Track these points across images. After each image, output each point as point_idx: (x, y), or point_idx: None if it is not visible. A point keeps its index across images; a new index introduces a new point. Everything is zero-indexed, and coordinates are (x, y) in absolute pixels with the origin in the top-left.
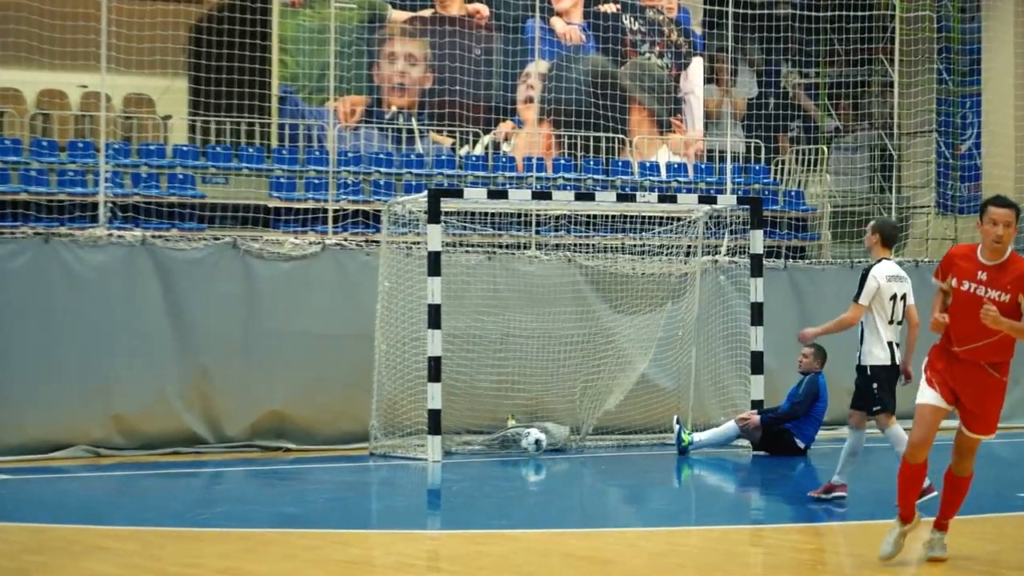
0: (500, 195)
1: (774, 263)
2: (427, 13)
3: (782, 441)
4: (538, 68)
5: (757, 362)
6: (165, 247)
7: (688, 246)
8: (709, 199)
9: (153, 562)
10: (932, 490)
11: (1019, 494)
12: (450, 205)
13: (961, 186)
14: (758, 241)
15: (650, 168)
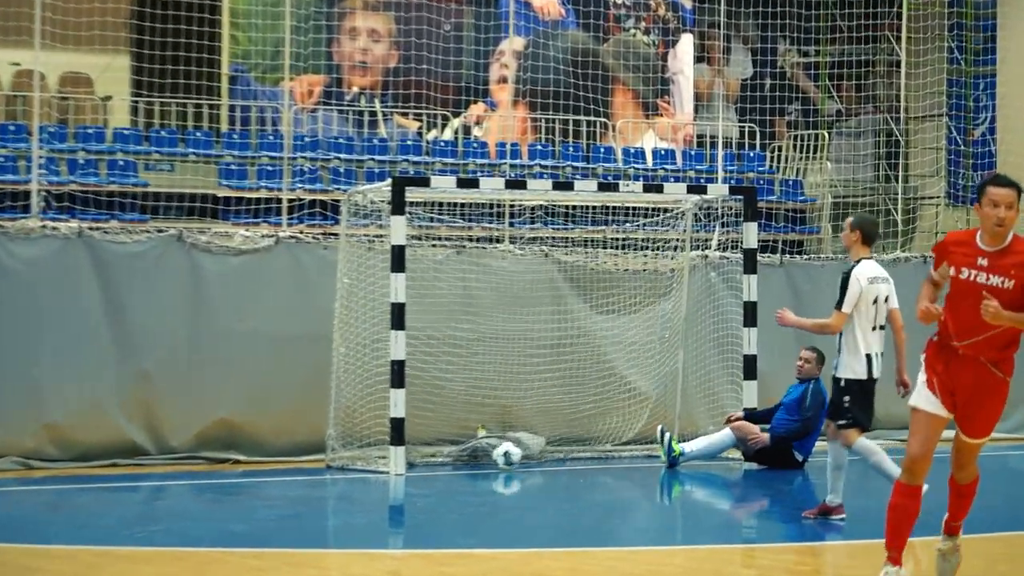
0: (470, 184)
1: (769, 259)
2: None
3: (779, 453)
4: (513, 45)
5: (750, 367)
6: (104, 240)
7: (676, 240)
8: (699, 189)
9: None
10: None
11: None
12: (416, 195)
13: (974, 175)
14: (752, 235)
15: (634, 155)
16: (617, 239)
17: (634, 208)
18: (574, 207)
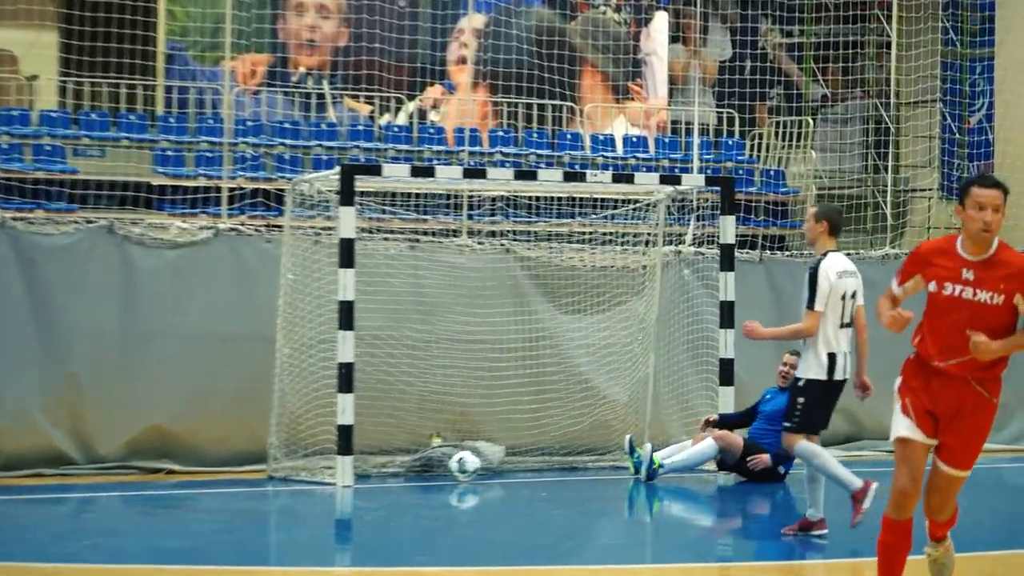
0: (426, 173)
1: (748, 255)
2: None
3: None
4: (473, 23)
5: (726, 371)
6: (28, 231)
7: (647, 234)
8: (672, 179)
9: None
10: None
11: None
12: (367, 184)
13: (969, 165)
14: (729, 229)
15: (604, 142)
16: (584, 233)
17: (603, 200)
18: (538, 198)
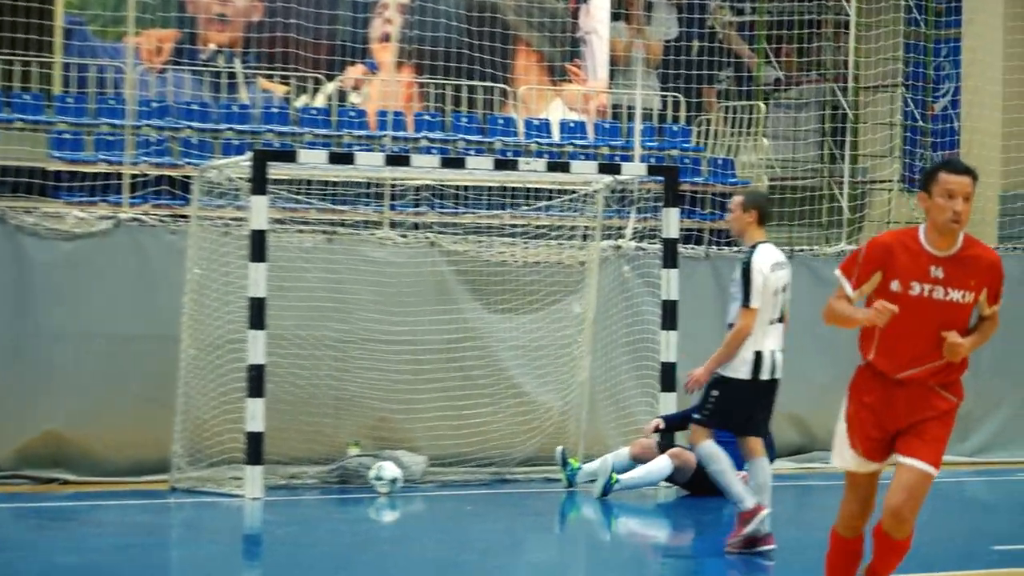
0: (345, 159)
1: (693, 250)
2: None
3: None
4: None
5: (668, 376)
6: None
7: (584, 228)
8: (612, 168)
9: None
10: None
11: (995, 547)
12: (281, 171)
13: (933, 155)
14: (673, 222)
15: (539, 127)
16: (516, 226)
17: (536, 190)
18: (466, 188)
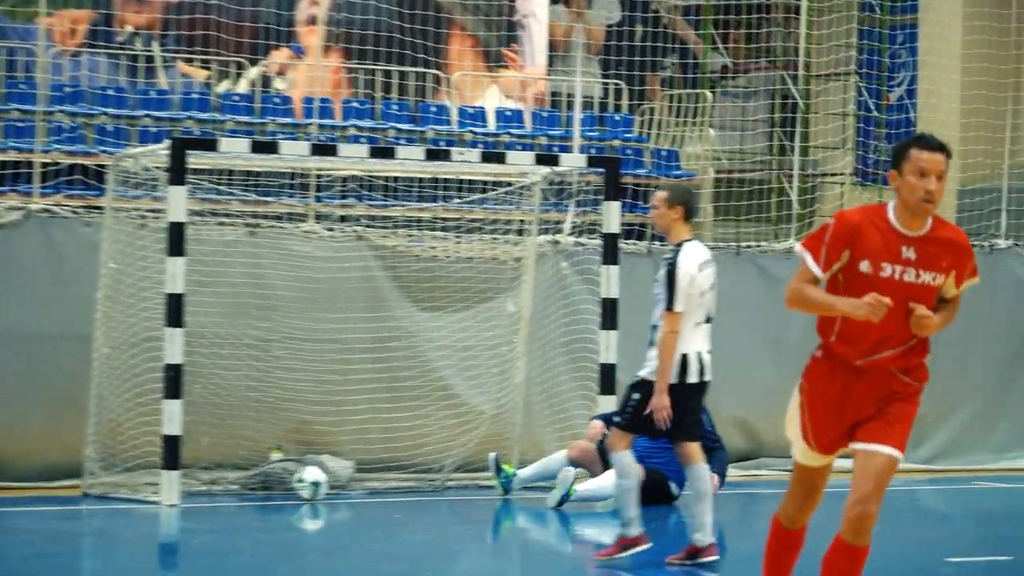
0: (269, 148)
1: (635, 246)
2: None
3: (651, 485)
4: None
5: (607, 378)
6: None
7: (520, 222)
8: (550, 159)
9: None
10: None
11: (948, 559)
12: (201, 160)
13: (888, 147)
14: (614, 216)
15: (473, 116)
16: (448, 219)
17: (470, 182)
18: (396, 179)
